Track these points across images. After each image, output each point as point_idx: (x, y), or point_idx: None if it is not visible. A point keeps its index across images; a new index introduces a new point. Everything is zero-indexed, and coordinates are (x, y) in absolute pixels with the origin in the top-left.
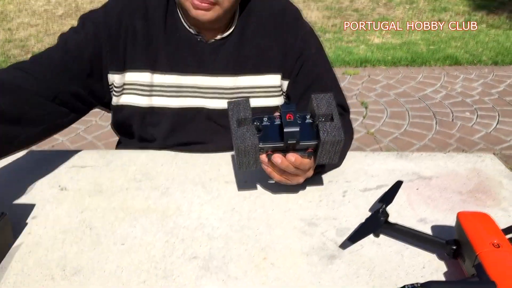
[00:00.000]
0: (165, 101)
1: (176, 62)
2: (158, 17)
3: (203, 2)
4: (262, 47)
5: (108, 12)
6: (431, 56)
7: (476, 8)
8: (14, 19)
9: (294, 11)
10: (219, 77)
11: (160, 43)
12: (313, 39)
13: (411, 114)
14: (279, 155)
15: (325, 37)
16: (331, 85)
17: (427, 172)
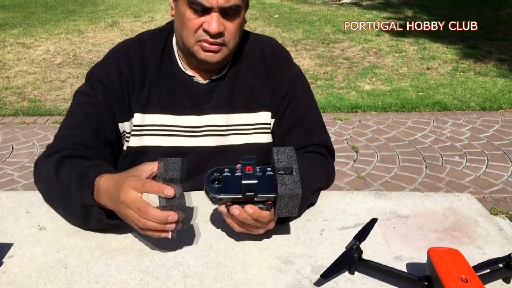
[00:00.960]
0: (157, 141)
1: (171, 103)
2: (154, 62)
3: (213, 44)
4: (254, 86)
5: (109, 68)
6: (420, 102)
7: (464, 56)
8: (12, 67)
9: (284, 53)
10: (212, 116)
11: (154, 85)
12: (301, 81)
13: (401, 158)
14: (237, 206)
15: (317, 84)
16: (316, 125)
17: (405, 211)
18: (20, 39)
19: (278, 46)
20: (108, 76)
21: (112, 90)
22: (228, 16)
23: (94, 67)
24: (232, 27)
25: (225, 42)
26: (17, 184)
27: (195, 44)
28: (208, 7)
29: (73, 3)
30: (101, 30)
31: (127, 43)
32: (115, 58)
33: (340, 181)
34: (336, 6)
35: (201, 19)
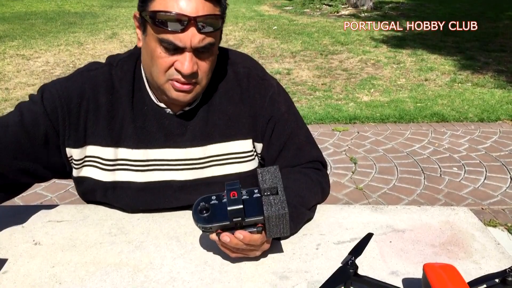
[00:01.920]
0: (130, 176)
1: (143, 136)
2: (125, 92)
3: (185, 84)
4: (230, 113)
5: (70, 87)
6: (419, 113)
7: (461, 67)
8: (12, 79)
9: (259, 72)
10: (187, 149)
11: (126, 118)
12: (281, 97)
13: (400, 169)
14: (227, 233)
15: (315, 95)
16: (305, 142)
17: (401, 225)
18: (20, 51)
19: (253, 66)
20: (68, 95)
21: (67, 111)
22: (202, 54)
23: (54, 83)
24: (205, 66)
25: (198, 81)
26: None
27: (165, 82)
28: (181, 47)
29: (73, 15)
30: (101, 41)
31: (97, 67)
32: (81, 79)
33: (338, 192)
34: (334, 17)
35: (173, 57)
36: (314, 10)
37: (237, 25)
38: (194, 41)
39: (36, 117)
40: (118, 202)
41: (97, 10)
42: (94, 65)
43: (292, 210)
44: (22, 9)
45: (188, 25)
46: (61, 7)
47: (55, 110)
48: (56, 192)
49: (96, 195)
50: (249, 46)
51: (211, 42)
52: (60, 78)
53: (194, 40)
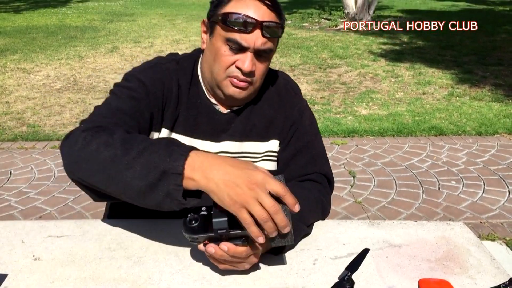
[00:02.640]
0: None
1: (192, 126)
2: (184, 85)
3: (242, 81)
4: (269, 117)
5: (154, 77)
6: (417, 126)
7: (459, 81)
8: (12, 92)
9: (294, 87)
10: (224, 142)
11: (183, 106)
12: (308, 112)
13: (398, 183)
14: (212, 245)
15: (314, 109)
16: (320, 154)
17: (398, 240)
18: (21, 65)
19: (290, 80)
20: (153, 82)
21: (154, 96)
22: (260, 58)
23: (139, 69)
24: (261, 68)
25: (253, 81)
26: (14, 210)
27: (225, 79)
28: (245, 46)
29: (74, 29)
30: (101, 55)
31: (167, 61)
32: (160, 69)
33: (337, 206)
34: (333, 31)
35: (236, 56)
36: (313, 24)
37: None
38: (257, 43)
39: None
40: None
41: (98, 24)
42: (164, 59)
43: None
44: (24, 23)
45: (254, 28)
46: (62, 21)
47: (148, 95)
48: (55, 206)
49: None
50: None
51: (271, 47)
52: (141, 66)
53: (257, 42)
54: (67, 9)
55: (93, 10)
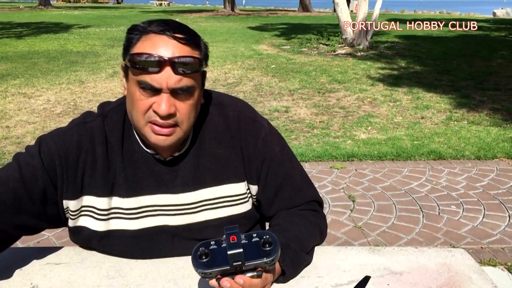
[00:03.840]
0: (123, 224)
1: (135, 184)
2: (115, 142)
3: (164, 127)
4: (221, 157)
5: (68, 140)
6: (416, 151)
7: (457, 106)
8: (13, 117)
9: (250, 114)
10: (179, 194)
11: (118, 167)
12: (274, 137)
13: (398, 207)
14: (227, 279)
15: (313, 133)
16: (301, 182)
17: (399, 267)
18: (22, 89)
19: (243, 109)
20: (66, 149)
21: (65, 165)
22: (180, 96)
23: (51, 135)
24: (184, 108)
25: (178, 122)
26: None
27: (145, 125)
28: (157, 88)
29: (75, 54)
30: (102, 80)
31: (92, 119)
32: (78, 132)
33: (337, 231)
34: (331, 56)
35: (151, 99)
36: (311, 49)
37: (236, 64)
38: (170, 82)
39: (35, 172)
40: (113, 250)
41: (99, 49)
42: (89, 117)
43: (293, 255)
44: (25, 48)
45: (163, 66)
46: (63, 46)
47: (53, 164)
48: (53, 231)
49: (92, 243)
50: (248, 84)
51: (189, 84)
52: (58, 129)
53: (170, 81)
54: (69, 35)
55: (94, 36)
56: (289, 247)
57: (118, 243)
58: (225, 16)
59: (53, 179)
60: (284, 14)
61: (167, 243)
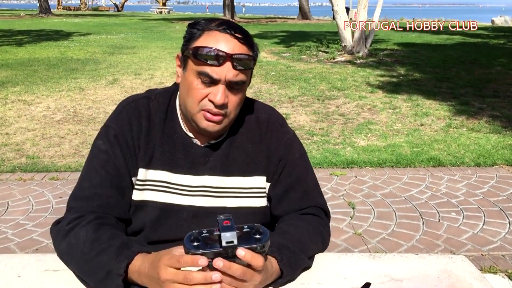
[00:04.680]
0: (155, 196)
1: (170, 160)
2: (158, 121)
3: (216, 115)
4: (250, 151)
5: (122, 124)
6: (415, 158)
7: (456, 113)
8: (12, 124)
9: (279, 119)
10: (206, 176)
11: (157, 142)
12: (296, 145)
13: (398, 214)
14: (220, 258)
15: (312, 140)
16: (313, 188)
17: (399, 274)
18: (22, 96)
19: (273, 113)
20: (122, 131)
21: (126, 145)
22: (233, 90)
23: (109, 121)
24: (235, 100)
25: (227, 113)
26: (10, 243)
27: (198, 112)
28: (216, 79)
29: (75, 62)
30: (102, 87)
31: (137, 98)
32: (127, 112)
33: (337, 238)
34: (330, 64)
35: (208, 89)
36: (311, 56)
37: None
38: (228, 75)
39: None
40: (140, 220)
41: (99, 57)
42: (134, 97)
43: (291, 255)
44: (26, 55)
45: (224, 61)
46: (64, 54)
47: (122, 149)
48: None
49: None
50: (248, 91)
51: (243, 79)
52: (111, 115)
53: (228, 75)
54: (69, 42)
55: (94, 43)
56: (287, 248)
57: (148, 215)
58: None
59: (127, 162)
60: (284, 22)
61: (186, 223)
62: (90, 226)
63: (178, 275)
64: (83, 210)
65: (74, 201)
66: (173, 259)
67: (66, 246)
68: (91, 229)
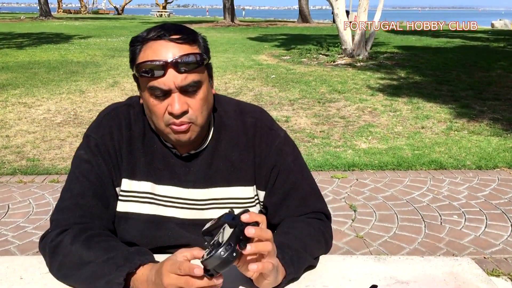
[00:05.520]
0: (139, 208)
1: (152, 171)
2: (138, 130)
3: (181, 125)
4: (234, 160)
5: (103, 133)
6: (416, 160)
7: (457, 115)
8: (13, 126)
9: (268, 122)
10: (190, 189)
11: (139, 153)
12: (288, 148)
13: (400, 217)
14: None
15: (313, 142)
16: (310, 193)
17: (405, 276)
18: (22, 99)
19: (261, 116)
20: (103, 141)
21: (108, 155)
22: (189, 93)
23: (90, 131)
24: (195, 103)
25: (192, 119)
26: (11, 245)
27: (165, 128)
28: (166, 90)
29: (76, 64)
30: (102, 90)
31: (117, 106)
32: (107, 122)
33: (338, 241)
34: (331, 67)
35: (165, 102)
36: (311, 59)
37: (236, 74)
38: (177, 81)
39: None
40: (128, 233)
41: (99, 60)
42: (114, 105)
43: (293, 253)
44: (26, 58)
45: (166, 69)
46: (64, 56)
47: (104, 159)
48: None
49: (116, 224)
50: (248, 94)
51: (195, 79)
52: (92, 125)
53: (176, 81)
54: (70, 45)
55: (95, 46)
56: (289, 247)
57: (133, 227)
58: (225, 27)
59: (110, 172)
60: (284, 25)
61: (175, 232)
62: (78, 244)
63: (180, 279)
64: (65, 223)
65: (56, 213)
66: (174, 265)
67: (57, 269)
68: (81, 248)
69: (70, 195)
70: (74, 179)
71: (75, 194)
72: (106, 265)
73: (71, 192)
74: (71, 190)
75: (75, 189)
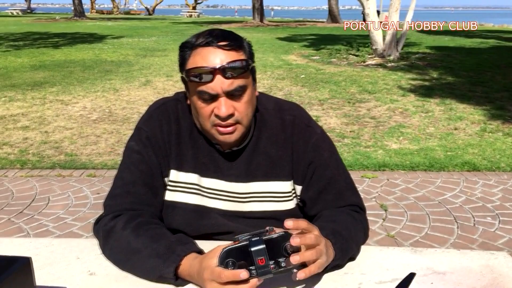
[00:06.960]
0: (186, 198)
1: (198, 164)
2: (186, 124)
3: (227, 126)
4: (272, 156)
5: (153, 126)
6: (449, 162)
7: (492, 117)
8: (51, 122)
9: (305, 119)
10: (232, 183)
11: (187, 146)
12: (325, 144)
13: (432, 218)
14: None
15: (343, 142)
16: (346, 188)
17: (442, 267)
18: (59, 97)
19: (299, 114)
20: (154, 134)
21: (158, 147)
22: (235, 97)
23: (141, 123)
24: (241, 106)
25: (238, 120)
26: (52, 235)
27: (211, 128)
28: (214, 94)
29: (109, 64)
30: (135, 88)
31: (166, 101)
32: (157, 115)
33: (369, 239)
34: (361, 67)
35: (212, 105)
36: (341, 59)
37: (265, 74)
38: (224, 87)
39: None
40: (175, 221)
41: (132, 59)
42: (164, 100)
43: (343, 241)
44: (62, 57)
45: (215, 75)
46: (98, 56)
47: (154, 150)
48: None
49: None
50: (278, 93)
51: (241, 84)
52: (143, 117)
53: (223, 86)
54: (103, 45)
55: (127, 46)
56: (340, 234)
57: (180, 215)
58: (254, 27)
59: (160, 163)
60: (313, 25)
61: (218, 222)
62: (128, 230)
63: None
64: (117, 208)
65: (108, 199)
66: (214, 274)
67: (109, 252)
68: (131, 235)
69: (122, 183)
70: (126, 168)
71: (126, 182)
72: (152, 259)
73: (123, 180)
74: (123, 179)
75: (126, 178)
